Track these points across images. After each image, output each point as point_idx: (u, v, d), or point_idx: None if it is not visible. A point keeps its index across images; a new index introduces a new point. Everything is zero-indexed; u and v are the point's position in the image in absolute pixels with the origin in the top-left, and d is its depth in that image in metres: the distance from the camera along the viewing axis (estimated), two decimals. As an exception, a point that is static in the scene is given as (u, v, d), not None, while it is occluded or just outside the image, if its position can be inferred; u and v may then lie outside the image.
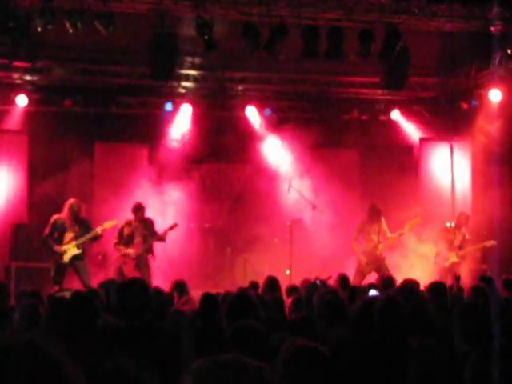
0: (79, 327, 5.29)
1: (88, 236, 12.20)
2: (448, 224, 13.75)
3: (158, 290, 7.04)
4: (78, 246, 12.12)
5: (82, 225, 12.31)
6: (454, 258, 13.46)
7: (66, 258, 12.04)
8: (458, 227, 13.67)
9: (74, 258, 12.10)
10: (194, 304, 8.00)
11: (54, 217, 12.23)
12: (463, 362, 4.05)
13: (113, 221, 12.50)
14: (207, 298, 6.43)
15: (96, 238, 12.40)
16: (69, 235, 12.13)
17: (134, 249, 12.56)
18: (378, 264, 13.22)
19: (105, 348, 4.72)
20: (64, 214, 12.21)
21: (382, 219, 13.44)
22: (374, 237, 13.34)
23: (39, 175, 14.41)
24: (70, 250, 12.08)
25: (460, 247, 13.53)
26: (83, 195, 14.21)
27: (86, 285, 11.81)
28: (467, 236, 13.66)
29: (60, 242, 12.10)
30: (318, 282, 9.00)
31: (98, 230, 12.25)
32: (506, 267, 13.01)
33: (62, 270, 12.09)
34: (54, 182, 13.98)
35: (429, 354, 4.92)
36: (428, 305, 6.80)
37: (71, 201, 12.33)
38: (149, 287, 5.63)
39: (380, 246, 13.28)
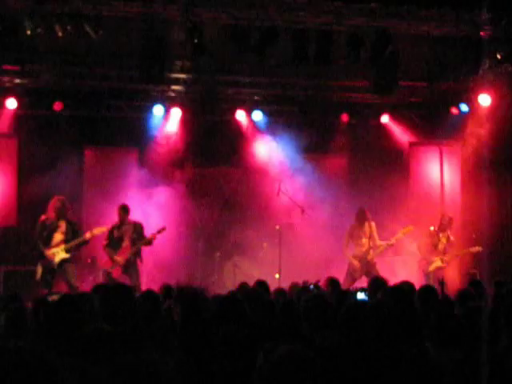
0: (65, 331, 5.26)
1: (77, 241, 12.24)
2: (432, 228, 13.68)
3: (149, 293, 6.99)
4: (66, 250, 12.15)
5: (70, 226, 12.35)
6: (438, 263, 13.37)
7: (55, 262, 12.07)
8: (441, 230, 13.57)
9: (63, 261, 12.12)
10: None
11: (42, 217, 12.28)
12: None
13: (103, 227, 12.50)
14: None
15: (84, 243, 12.43)
16: (57, 236, 12.17)
17: (122, 253, 12.53)
18: (369, 268, 13.19)
19: (90, 352, 4.69)
20: (50, 214, 12.24)
21: (373, 224, 13.41)
22: (365, 241, 13.30)
23: (28, 178, 14.37)
24: (59, 254, 12.10)
25: (444, 251, 13.46)
26: (73, 198, 14.18)
27: (73, 287, 11.85)
28: (452, 238, 13.58)
29: (48, 243, 12.15)
30: (311, 286, 8.97)
31: (87, 235, 12.32)
32: (496, 271, 13.04)
33: (50, 272, 12.09)
34: (43, 186, 13.93)
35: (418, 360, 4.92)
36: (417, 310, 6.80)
37: (55, 198, 12.37)
38: (133, 292, 5.61)
39: (371, 251, 13.25)
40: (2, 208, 14.42)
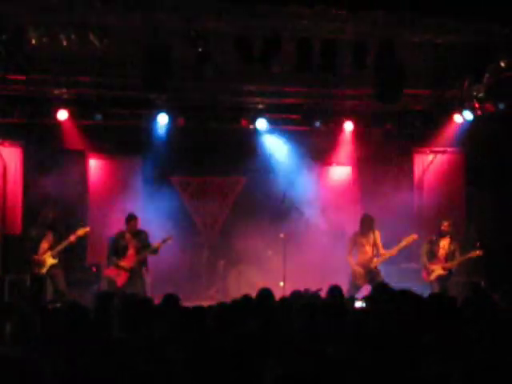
0: (74, 339, 5.27)
1: (62, 245, 12.41)
2: (433, 236, 13.54)
3: (148, 301, 7.01)
4: (53, 256, 12.35)
5: (57, 232, 12.60)
6: (439, 271, 13.20)
7: (44, 269, 12.28)
8: (442, 236, 13.44)
9: (51, 267, 12.30)
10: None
11: (30, 230, 12.77)
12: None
13: (86, 228, 12.64)
14: (195, 310, 6.43)
15: (70, 245, 12.54)
16: (44, 244, 12.36)
17: (127, 261, 12.56)
18: (373, 276, 13.14)
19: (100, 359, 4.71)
20: (39, 224, 12.60)
21: (377, 231, 13.35)
22: (369, 248, 13.25)
23: (33, 187, 14.39)
24: (47, 261, 12.29)
25: (446, 258, 13.28)
26: (76, 207, 14.21)
27: (60, 294, 12.01)
28: (453, 244, 13.36)
29: (35, 252, 12.44)
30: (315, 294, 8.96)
31: (72, 238, 12.52)
32: (501, 279, 13.01)
33: (39, 281, 12.28)
34: (47, 194, 13.97)
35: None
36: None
37: (46, 209, 12.79)
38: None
39: (375, 259, 13.21)
40: (7, 216, 14.43)
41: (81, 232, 12.60)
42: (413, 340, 5.50)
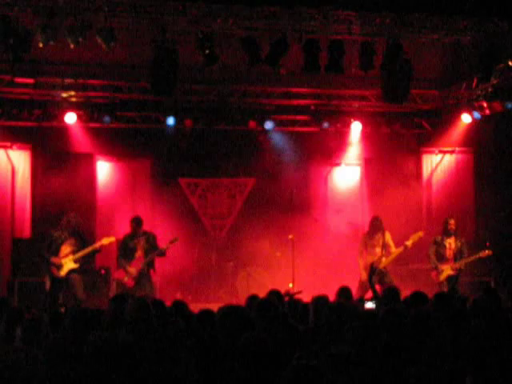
0: (84, 342, 5.27)
1: (86, 251, 12.26)
2: (439, 236, 13.40)
3: (159, 303, 7.00)
4: (75, 261, 12.18)
5: (80, 238, 12.38)
6: (448, 271, 13.09)
7: (63, 272, 12.11)
8: (447, 236, 13.33)
9: (71, 271, 12.15)
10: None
11: (51, 231, 12.32)
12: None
13: (112, 237, 12.52)
14: (203, 313, 6.42)
15: (94, 253, 12.49)
16: (66, 249, 12.20)
17: (135, 264, 12.53)
18: (382, 277, 13.09)
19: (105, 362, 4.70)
20: (61, 227, 12.29)
21: (387, 232, 13.31)
22: (378, 249, 13.21)
23: (42, 190, 14.44)
24: (67, 264, 12.15)
25: (455, 258, 13.16)
26: (85, 209, 14.23)
27: (78, 299, 11.89)
28: (459, 242, 13.23)
29: (56, 255, 12.18)
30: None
31: (97, 245, 12.38)
32: (510, 279, 12.97)
33: (58, 284, 12.12)
34: (56, 197, 14.00)
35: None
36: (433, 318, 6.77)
37: (69, 214, 12.42)
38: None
39: (383, 260, 13.16)
40: (16, 220, 14.47)
41: (106, 241, 12.44)
42: (421, 341, 5.50)
